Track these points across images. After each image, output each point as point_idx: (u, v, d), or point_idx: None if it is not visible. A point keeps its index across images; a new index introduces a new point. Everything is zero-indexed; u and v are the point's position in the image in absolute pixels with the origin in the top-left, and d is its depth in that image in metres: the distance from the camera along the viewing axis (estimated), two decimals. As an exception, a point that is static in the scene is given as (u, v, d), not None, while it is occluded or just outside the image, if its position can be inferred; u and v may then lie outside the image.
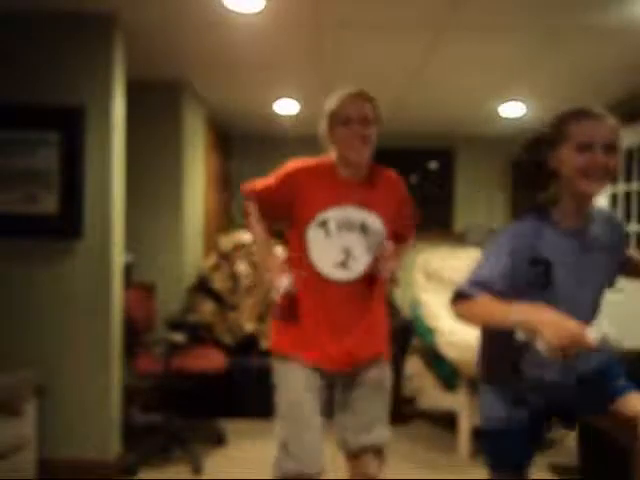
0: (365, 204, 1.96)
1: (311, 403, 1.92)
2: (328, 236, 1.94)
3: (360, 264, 1.95)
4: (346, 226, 1.95)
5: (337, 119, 1.93)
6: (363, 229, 1.96)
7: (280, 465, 1.92)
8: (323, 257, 1.94)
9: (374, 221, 1.97)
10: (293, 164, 2.00)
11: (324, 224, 1.94)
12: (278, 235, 2.10)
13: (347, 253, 1.94)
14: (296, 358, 1.94)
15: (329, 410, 2.00)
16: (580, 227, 1.65)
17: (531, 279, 1.59)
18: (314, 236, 1.94)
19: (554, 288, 1.60)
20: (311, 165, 2.00)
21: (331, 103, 1.96)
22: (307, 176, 1.97)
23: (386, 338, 2.08)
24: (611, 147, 1.60)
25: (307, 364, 1.93)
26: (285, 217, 2.00)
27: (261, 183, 2.05)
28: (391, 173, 2.08)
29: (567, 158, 1.60)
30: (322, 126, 1.99)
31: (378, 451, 2.02)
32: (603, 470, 2.48)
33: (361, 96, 1.94)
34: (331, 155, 2.00)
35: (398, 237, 2.11)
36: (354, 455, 2.02)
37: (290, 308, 1.95)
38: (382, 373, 2.04)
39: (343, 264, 1.94)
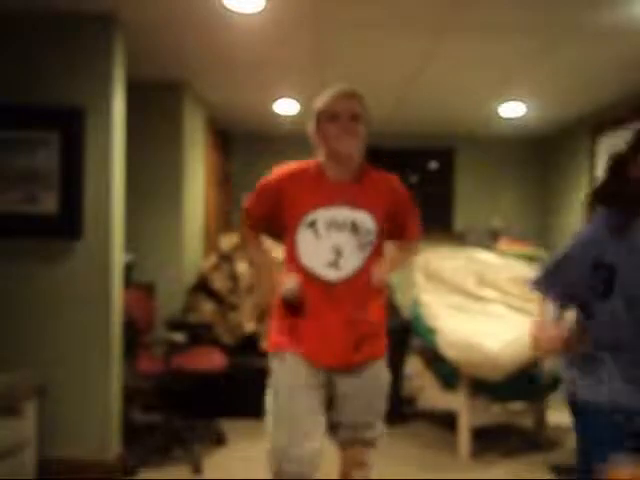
0: (354, 202, 1.94)
1: (307, 397, 1.91)
2: (317, 236, 1.93)
3: (351, 263, 1.94)
4: (335, 226, 1.93)
5: (325, 116, 1.93)
6: (353, 228, 1.94)
7: (272, 462, 1.93)
8: (313, 258, 1.93)
9: (364, 219, 1.95)
10: (275, 171, 2.00)
11: (312, 225, 1.93)
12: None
13: (337, 253, 1.93)
14: (293, 355, 1.94)
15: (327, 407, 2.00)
16: None
17: None
18: (303, 237, 1.94)
19: None
20: (295, 168, 1.99)
21: (319, 101, 1.96)
22: (291, 179, 1.96)
23: (382, 334, 2.06)
24: None
25: (304, 359, 1.93)
26: (281, 225, 2.00)
27: (249, 202, 2.05)
28: (386, 174, 2.06)
29: None
30: (310, 125, 1.99)
31: (369, 442, 2.02)
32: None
33: (348, 94, 1.94)
34: (319, 155, 1.99)
35: (399, 236, 2.10)
36: (343, 447, 2.03)
37: (296, 306, 1.95)
38: (378, 370, 2.03)
39: (334, 264, 1.93)
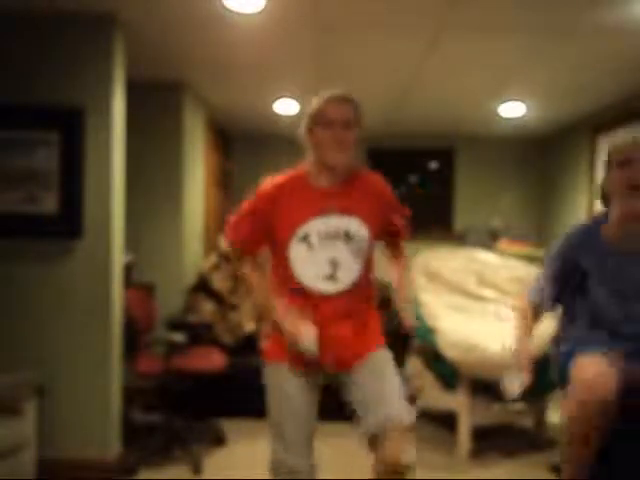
0: (345, 210, 1.91)
1: (299, 400, 1.92)
2: (311, 249, 1.89)
3: (349, 274, 1.91)
4: (328, 236, 1.89)
5: (317, 121, 1.89)
6: (346, 236, 1.91)
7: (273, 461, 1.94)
8: (309, 272, 1.89)
9: (357, 226, 1.91)
10: (263, 186, 1.95)
11: (305, 238, 1.88)
12: None
13: (334, 264, 1.89)
14: (285, 365, 1.94)
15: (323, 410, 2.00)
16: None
17: None
18: (297, 252, 1.89)
19: None
20: (282, 181, 1.95)
21: (312, 104, 1.92)
22: (280, 193, 1.92)
23: (380, 335, 2.04)
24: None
25: (297, 369, 1.93)
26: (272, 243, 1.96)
27: (238, 223, 1.99)
28: (370, 174, 2.03)
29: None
30: (302, 127, 1.94)
31: (401, 432, 1.84)
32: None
33: (343, 99, 1.90)
34: (308, 158, 1.95)
35: (389, 235, 2.09)
36: (374, 439, 1.87)
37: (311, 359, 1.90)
38: (381, 355, 1.99)
39: (331, 277, 1.90)
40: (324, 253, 1.89)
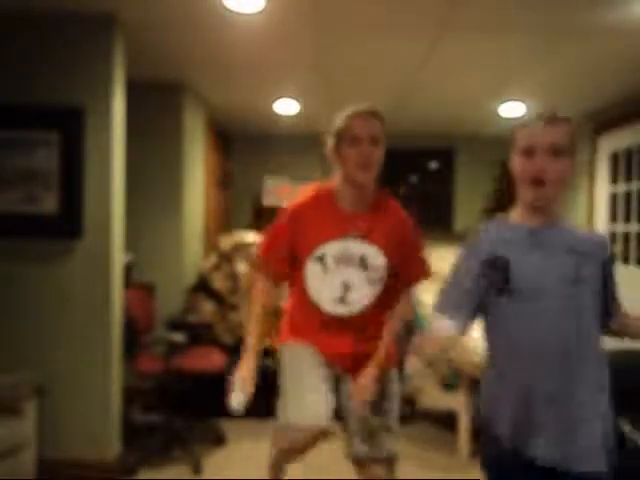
0: (366, 236, 1.89)
1: (316, 371, 1.89)
2: (326, 271, 1.89)
3: (360, 299, 1.91)
4: (344, 261, 1.89)
5: (345, 138, 1.86)
6: (362, 263, 1.90)
7: (279, 426, 1.89)
8: (322, 292, 1.91)
9: (375, 254, 1.90)
10: (290, 207, 1.95)
11: (322, 259, 1.89)
12: None
13: (346, 288, 1.89)
14: (302, 344, 1.94)
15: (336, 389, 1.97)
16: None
17: None
18: (312, 271, 1.90)
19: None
20: (309, 199, 1.94)
21: (339, 120, 1.89)
22: (306, 212, 1.92)
23: (392, 352, 2.01)
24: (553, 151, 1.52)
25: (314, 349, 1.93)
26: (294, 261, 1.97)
27: (264, 247, 2.00)
28: (398, 207, 1.98)
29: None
30: (329, 144, 1.92)
31: (387, 461, 1.96)
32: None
33: (370, 114, 1.87)
34: (336, 176, 1.94)
35: (402, 272, 1.99)
36: (358, 461, 1.97)
37: None
38: (388, 375, 2.00)
39: (342, 300, 1.90)
40: (338, 276, 1.89)
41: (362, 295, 1.91)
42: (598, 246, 1.59)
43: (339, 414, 1.97)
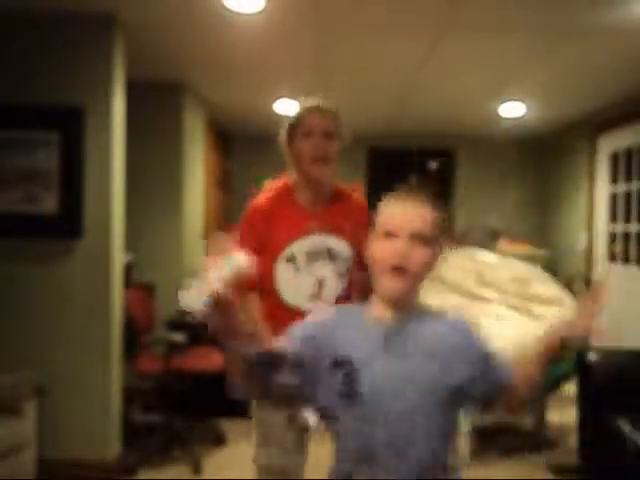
0: (330, 229, 1.89)
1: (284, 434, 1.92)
2: (298, 271, 1.88)
3: (332, 292, 1.91)
4: (314, 257, 1.89)
5: (298, 131, 1.87)
6: (330, 256, 1.90)
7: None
8: (296, 292, 1.89)
9: (341, 246, 1.91)
10: (252, 209, 1.93)
11: (292, 259, 1.88)
12: None
13: (320, 285, 1.90)
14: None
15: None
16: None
17: None
18: (284, 272, 1.88)
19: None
20: (269, 197, 1.92)
21: (293, 113, 1.90)
22: (269, 211, 1.89)
23: None
24: None
25: None
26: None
27: (242, 244, 1.96)
28: (357, 195, 2.01)
29: None
30: (282, 135, 1.91)
31: None
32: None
33: (323, 109, 1.88)
34: (291, 170, 1.92)
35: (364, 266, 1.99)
36: None
37: None
38: None
39: (316, 296, 1.90)
40: (311, 274, 1.89)
41: (334, 288, 1.92)
42: (464, 339, 1.30)
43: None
